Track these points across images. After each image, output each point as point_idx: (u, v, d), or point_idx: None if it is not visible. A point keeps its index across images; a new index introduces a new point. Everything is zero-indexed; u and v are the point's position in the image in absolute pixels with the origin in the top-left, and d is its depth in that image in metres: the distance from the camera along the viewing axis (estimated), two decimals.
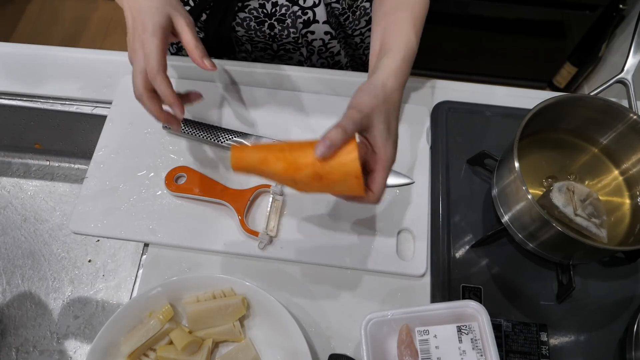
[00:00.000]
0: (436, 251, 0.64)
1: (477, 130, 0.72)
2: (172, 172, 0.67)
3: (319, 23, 0.74)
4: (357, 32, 0.82)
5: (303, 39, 0.77)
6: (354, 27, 0.81)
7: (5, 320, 0.73)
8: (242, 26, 0.74)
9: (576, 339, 0.59)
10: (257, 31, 0.74)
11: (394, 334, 0.54)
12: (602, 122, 0.62)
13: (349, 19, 0.78)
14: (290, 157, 0.50)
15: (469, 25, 1.64)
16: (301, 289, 0.62)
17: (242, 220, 0.64)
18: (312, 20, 0.74)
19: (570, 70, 1.75)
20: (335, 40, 0.79)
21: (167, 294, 0.58)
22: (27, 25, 2.09)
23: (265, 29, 0.74)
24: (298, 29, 0.74)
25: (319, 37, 0.77)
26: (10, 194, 0.84)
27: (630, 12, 1.53)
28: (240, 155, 0.50)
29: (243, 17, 0.73)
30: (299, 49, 0.79)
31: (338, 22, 0.78)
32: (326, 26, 0.75)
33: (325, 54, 0.82)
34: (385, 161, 0.51)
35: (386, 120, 0.52)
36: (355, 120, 0.50)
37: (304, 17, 0.73)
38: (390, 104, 0.53)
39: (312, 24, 0.74)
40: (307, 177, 0.50)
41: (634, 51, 0.65)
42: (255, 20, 0.73)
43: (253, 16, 0.72)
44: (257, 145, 0.52)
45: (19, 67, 0.79)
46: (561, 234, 0.52)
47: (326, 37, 0.78)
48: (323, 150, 0.48)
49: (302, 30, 0.75)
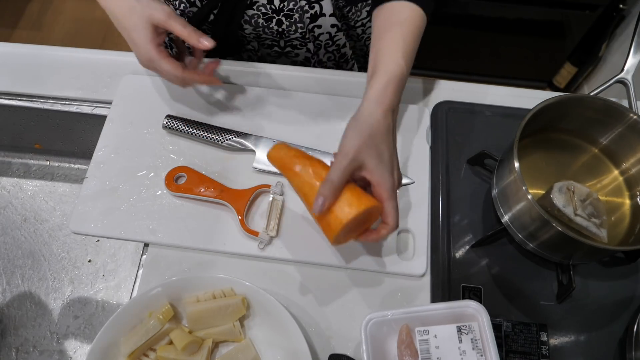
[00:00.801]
0: (436, 251, 0.64)
1: (477, 130, 0.72)
2: (172, 172, 0.67)
3: (326, 16, 0.74)
4: (359, 23, 0.82)
5: (310, 33, 0.77)
6: (356, 19, 0.81)
7: (5, 320, 0.73)
8: (250, 24, 0.74)
9: (576, 339, 0.59)
10: (265, 28, 0.74)
11: (394, 334, 0.54)
12: (602, 122, 0.62)
13: (351, 10, 0.78)
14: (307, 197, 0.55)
15: (469, 25, 1.64)
16: (301, 289, 0.62)
17: (242, 220, 0.64)
18: (319, 13, 0.74)
19: (570, 70, 1.75)
20: (342, 32, 0.79)
21: (167, 294, 0.58)
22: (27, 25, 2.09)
23: (273, 25, 0.74)
24: (305, 23, 0.74)
25: (325, 30, 0.77)
26: (10, 194, 0.84)
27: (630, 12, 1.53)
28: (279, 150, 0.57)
29: (251, 15, 0.73)
30: (306, 44, 0.79)
31: (342, 14, 0.78)
32: (333, 19, 0.75)
33: (332, 47, 0.82)
34: (387, 191, 0.53)
35: (376, 153, 0.53)
36: (342, 167, 0.52)
37: (311, 11, 0.73)
38: (378, 135, 0.53)
39: (319, 18, 0.74)
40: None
41: (634, 51, 0.65)
42: (263, 17, 0.73)
43: (261, 13, 0.72)
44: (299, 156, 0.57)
45: (19, 67, 0.79)
46: (561, 234, 0.52)
47: (332, 30, 0.78)
48: (317, 209, 0.51)
49: (309, 25, 0.75)
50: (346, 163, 0.52)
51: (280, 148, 0.57)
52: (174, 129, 0.70)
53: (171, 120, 0.70)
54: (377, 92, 0.55)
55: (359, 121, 0.54)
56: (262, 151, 0.69)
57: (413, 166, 0.69)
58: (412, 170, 0.69)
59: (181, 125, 0.70)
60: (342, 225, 0.52)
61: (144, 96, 0.75)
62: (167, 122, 0.70)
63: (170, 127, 0.70)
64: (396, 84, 0.56)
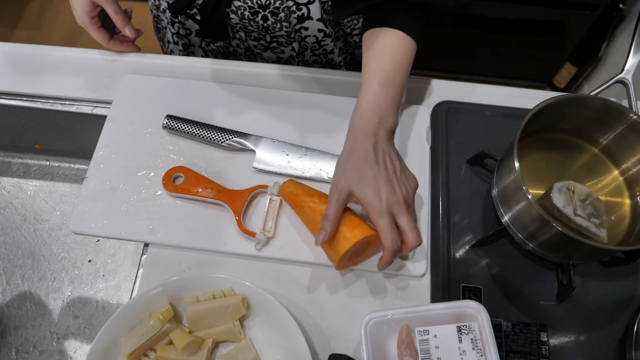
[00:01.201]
0: (436, 251, 0.64)
1: (477, 130, 0.72)
2: (169, 172, 0.67)
3: (313, 20, 0.75)
4: (356, 31, 0.82)
5: (296, 34, 0.77)
6: (353, 27, 0.81)
7: (5, 320, 0.73)
8: (237, 14, 0.74)
9: (576, 339, 0.59)
10: (251, 21, 0.75)
11: (394, 334, 0.54)
12: (602, 122, 0.62)
13: (347, 18, 0.78)
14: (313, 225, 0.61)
15: (469, 25, 1.64)
16: (301, 289, 0.62)
17: (239, 221, 0.64)
18: (306, 16, 0.74)
19: (570, 70, 1.75)
20: (329, 38, 0.79)
21: (167, 294, 0.58)
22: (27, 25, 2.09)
23: (258, 19, 0.74)
24: (292, 23, 0.75)
25: (312, 33, 0.77)
26: (10, 194, 0.84)
27: (630, 12, 1.53)
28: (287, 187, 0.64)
29: (238, 6, 0.73)
30: (291, 43, 0.79)
31: (337, 20, 0.78)
32: (320, 24, 0.75)
33: (318, 51, 0.82)
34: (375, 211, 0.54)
35: (358, 178, 0.56)
36: (333, 202, 0.57)
37: (298, 13, 0.73)
38: (358, 160, 0.57)
39: (306, 20, 0.75)
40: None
41: (634, 51, 0.65)
42: (249, 10, 0.73)
43: (247, 6, 0.73)
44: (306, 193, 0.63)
45: (19, 67, 0.79)
46: (561, 234, 0.52)
47: (320, 35, 0.78)
48: (319, 242, 0.56)
49: (295, 25, 0.75)
50: (336, 197, 0.57)
51: (287, 186, 0.64)
52: (174, 129, 0.70)
53: (171, 120, 0.70)
54: (353, 121, 0.60)
55: (342, 154, 0.59)
56: (263, 151, 0.69)
57: (413, 166, 0.69)
58: (412, 170, 0.69)
59: (181, 125, 0.70)
60: (339, 256, 0.57)
61: (144, 96, 0.75)
62: (167, 122, 0.70)
63: (170, 127, 0.70)
64: (371, 109, 0.59)
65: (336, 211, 0.56)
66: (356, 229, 0.56)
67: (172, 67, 0.79)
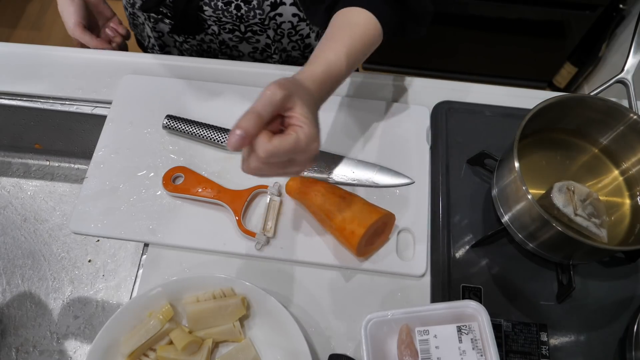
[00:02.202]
0: (436, 251, 0.64)
1: (477, 130, 0.72)
2: (169, 172, 0.67)
3: (286, 5, 0.74)
4: None
5: (271, 21, 0.77)
6: None
7: (5, 320, 0.73)
8: (210, 6, 0.74)
9: (576, 339, 0.59)
10: (225, 11, 0.74)
11: (394, 334, 0.54)
12: (602, 122, 0.62)
13: None
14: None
15: (469, 25, 1.64)
16: (301, 289, 0.62)
17: (239, 221, 0.64)
18: (279, 2, 0.74)
19: (570, 70, 1.75)
20: (305, 22, 0.79)
21: (167, 294, 0.58)
22: (27, 25, 2.09)
23: (232, 9, 0.74)
24: (265, 11, 0.74)
25: (287, 19, 0.77)
26: (10, 194, 0.84)
27: (630, 12, 1.53)
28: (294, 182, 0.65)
29: None
30: (266, 30, 0.79)
31: None
32: (294, 8, 0.75)
33: (295, 37, 0.82)
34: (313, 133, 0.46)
35: (306, 96, 0.47)
36: (268, 95, 0.44)
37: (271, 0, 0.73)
38: (309, 97, 0.48)
39: (279, 6, 0.74)
40: None
41: (634, 51, 0.65)
42: (222, 0, 0.73)
43: None
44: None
45: (19, 67, 0.79)
46: (561, 234, 0.52)
47: (294, 20, 0.78)
48: (233, 143, 0.44)
49: (269, 12, 0.75)
50: (271, 91, 0.45)
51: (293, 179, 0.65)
52: (174, 128, 0.70)
53: (171, 120, 0.70)
54: (309, 72, 0.53)
55: (290, 78, 0.49)
56: None
57: (413, 166, 0.69)
58: (412, 170, 0.69)
59: (181, 125, 0.70)
60: (358, 240, 0.58)
61: (144, 96, 0.75)
62: (167, 122, 0.70)
63: (170, 127, 0.70)
64: (331, 74, 0.54)
65: (265, 106, 0.44)
66: (373, 213, 0.59)
67: (172, 67, 0.79)
